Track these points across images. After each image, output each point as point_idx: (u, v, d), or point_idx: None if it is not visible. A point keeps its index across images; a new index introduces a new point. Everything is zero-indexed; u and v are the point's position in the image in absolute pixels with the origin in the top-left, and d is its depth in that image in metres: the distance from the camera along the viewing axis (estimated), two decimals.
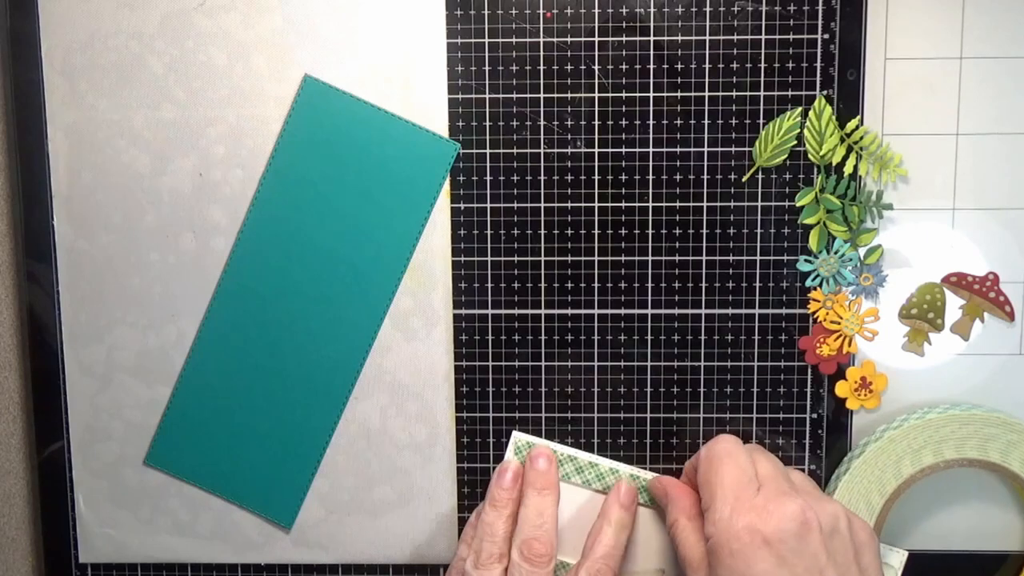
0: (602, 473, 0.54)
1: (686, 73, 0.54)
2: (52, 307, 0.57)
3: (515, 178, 0.55)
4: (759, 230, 0.55)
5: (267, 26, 0.54)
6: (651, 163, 0.55)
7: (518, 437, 0.55)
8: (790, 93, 0.54)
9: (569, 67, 0.54)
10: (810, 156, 0.54)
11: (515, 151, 0.55)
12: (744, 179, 0.55)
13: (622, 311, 0.56)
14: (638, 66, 0.54)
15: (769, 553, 0.44)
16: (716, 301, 0.56)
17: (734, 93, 0.54)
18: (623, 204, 0.55)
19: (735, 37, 0.54)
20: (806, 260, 0.55)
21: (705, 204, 0.55)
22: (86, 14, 0.55)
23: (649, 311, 0.56)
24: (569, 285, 0.56)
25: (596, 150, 0.55)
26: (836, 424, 0.56)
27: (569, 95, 0.54)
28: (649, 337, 0.56)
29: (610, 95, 0.54)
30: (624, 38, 0.54)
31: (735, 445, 0.50)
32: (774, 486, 0.47)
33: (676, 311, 0.56)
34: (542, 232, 0.56)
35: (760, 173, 0.55)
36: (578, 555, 0.52)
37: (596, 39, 0.54)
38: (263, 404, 0.57)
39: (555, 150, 0.55)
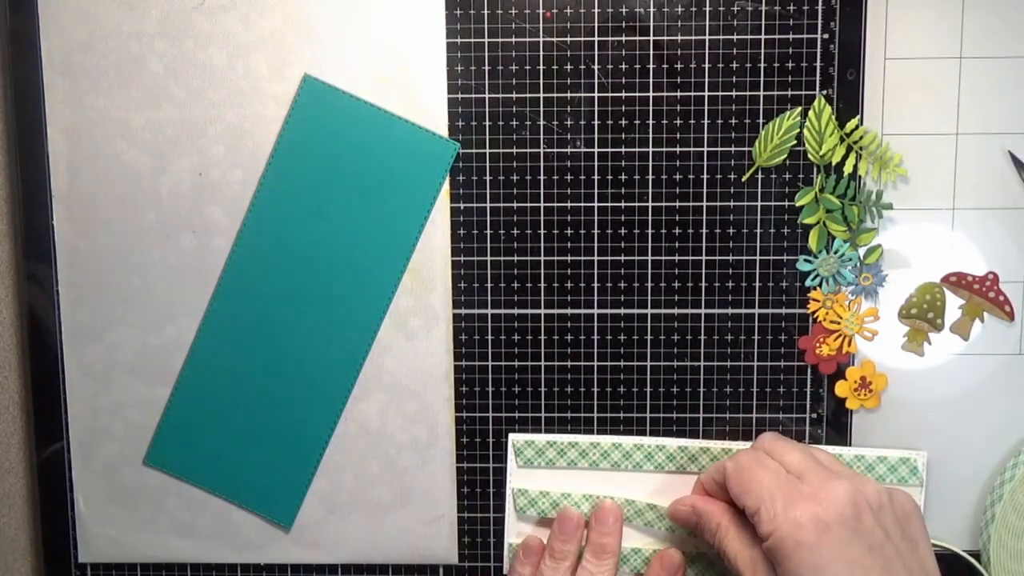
0: (628, 451, 0.56)
1: (686, 73, 0.54)
2: (52, 307, 0.57)
3: (515, 178, 0.55)
4: (759, 230, 0.55)
5: (267, 26, 0.54)
6: (651, 163, 0.55)
7: (515, 439, 0.55)
8: (790, 93, 0.54)
9: (569, 67, 0.54)
10: (810, 156, 0.54)
11: (515, 151, 0.55)
12: (744, 179, 0.55)
13: (622, 311, 0.56)
14: (638, 66, 0.54)
15: (832, 537, 0.45)
16: (716, 301, 0.56)
17: (734, 93, 0.54)
18: (623, 204, 0.55)
19: (735, 37, 0.54)
20: (806, 260, 0.55)
21: (705, 204, 0.55)
22: (86, 14, 0.55)
23: (649, 311, 0.56)
24: (569, 285, 0.56)
25: (596, 150, 0.55)
26: (836, 424, 0.56)
27: (569, 95, 0.54)
28: (649, 337, 0.56)
29: (610, 95, 0.54)
30: (624, 38, 0.54)
31: (755, 452, 0.51)
32: (814, 474, 0.48)
33: (676, 311, 0.56)
34: (542, 232, 0.56)
35: (760, 173, 0.55)
36: None
37: (596, 39, 0.54)
38: (263, 404, 0.57)
39: (555, 150, 0.55)
